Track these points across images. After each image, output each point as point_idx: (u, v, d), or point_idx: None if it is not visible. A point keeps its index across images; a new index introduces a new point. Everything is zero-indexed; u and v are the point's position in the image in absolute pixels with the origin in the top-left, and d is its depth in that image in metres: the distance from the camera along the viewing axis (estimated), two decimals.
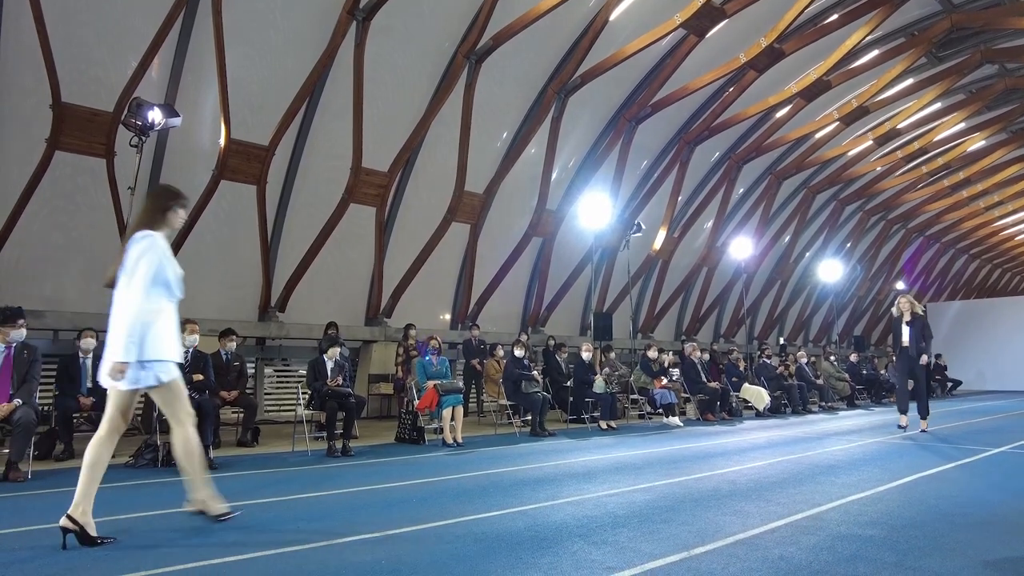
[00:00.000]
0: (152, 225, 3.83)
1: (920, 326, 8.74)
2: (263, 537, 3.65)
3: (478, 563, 3.20)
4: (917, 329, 8.71)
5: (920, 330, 8.72)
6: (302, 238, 10.91)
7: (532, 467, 6.29)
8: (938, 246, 26.95)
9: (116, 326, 3.58)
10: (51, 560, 3.25)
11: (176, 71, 9.34)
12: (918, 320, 8.79)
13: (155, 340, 3.62)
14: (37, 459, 6.00)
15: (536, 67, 12.69)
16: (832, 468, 6.09)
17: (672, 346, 17.49)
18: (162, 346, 3.65)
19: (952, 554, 3.34)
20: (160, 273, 3.72)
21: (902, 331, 8.83)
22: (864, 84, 15.85)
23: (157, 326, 3.65)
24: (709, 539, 3.60)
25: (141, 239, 3.70)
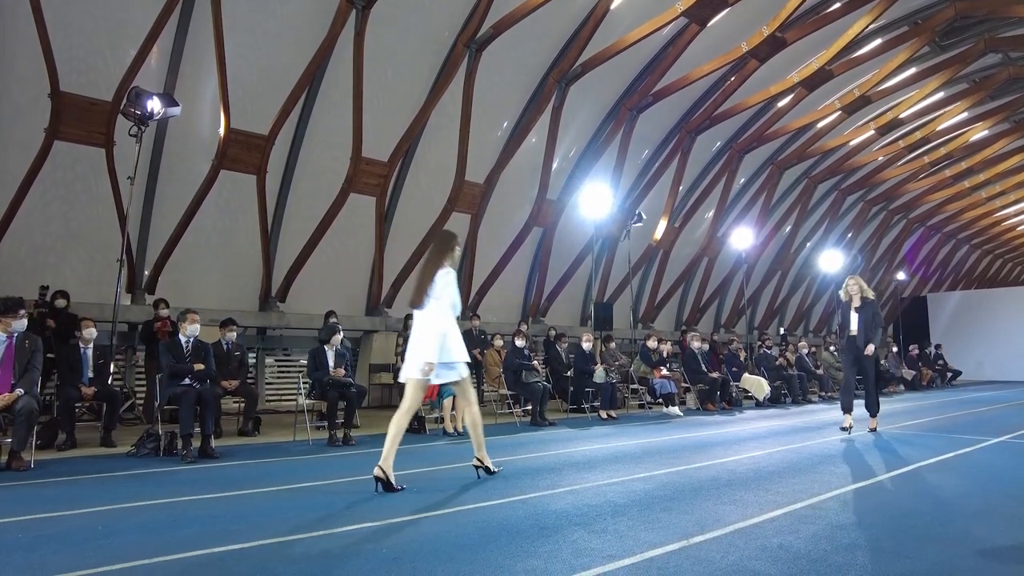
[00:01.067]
0: (444, 261, 4.99)
1: (870, 312, 7.72)
2: (265, 526, 3.66)
3: (479, 551, 3.22)
4: (867, 315, 7.68)
5: (870, 317, 7.71)
6: (302, 228, 10.90)
7: (532, 456, 6.32)
8: (939, 236, 26.90)
9: (425, 335, 4.75)
10: (54, 548, 3.27)
11: (175, 60, 9.29)
12: (868, 306, 7.74)
13: (453, 346, 4.81)
14: (39, 448, 6.03)
15: (537, 56, 12.62)
16: (832, 458, 6.12)
17: (672, 336, 17.52)
18: (459, 350, 4.84)
19: (950, 543, 3.36)
20: (454, 299, 4.90)
21: (850, 318, 7.82)
22: (866, 73, 15.77)
23: (452, 335, 4.80)
24: (708, 528, 3.62)
25: (446, 274, 4.90)
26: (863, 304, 7.74)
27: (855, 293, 7.78)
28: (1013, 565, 3.05)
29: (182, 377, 6.44)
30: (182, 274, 10.03)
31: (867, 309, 7.71)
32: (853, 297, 7.80)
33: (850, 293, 7.82)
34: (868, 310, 7.71)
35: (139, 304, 9.63)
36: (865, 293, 7.76)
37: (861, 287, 7.78)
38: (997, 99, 17.96)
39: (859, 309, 7.74)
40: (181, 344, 6.65)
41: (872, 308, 7.75)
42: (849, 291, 7.83)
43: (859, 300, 7.76)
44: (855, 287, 7.78)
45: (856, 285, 7.79)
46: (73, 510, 4.03)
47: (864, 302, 7.74)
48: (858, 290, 7.77)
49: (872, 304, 7.78)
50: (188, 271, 10.15)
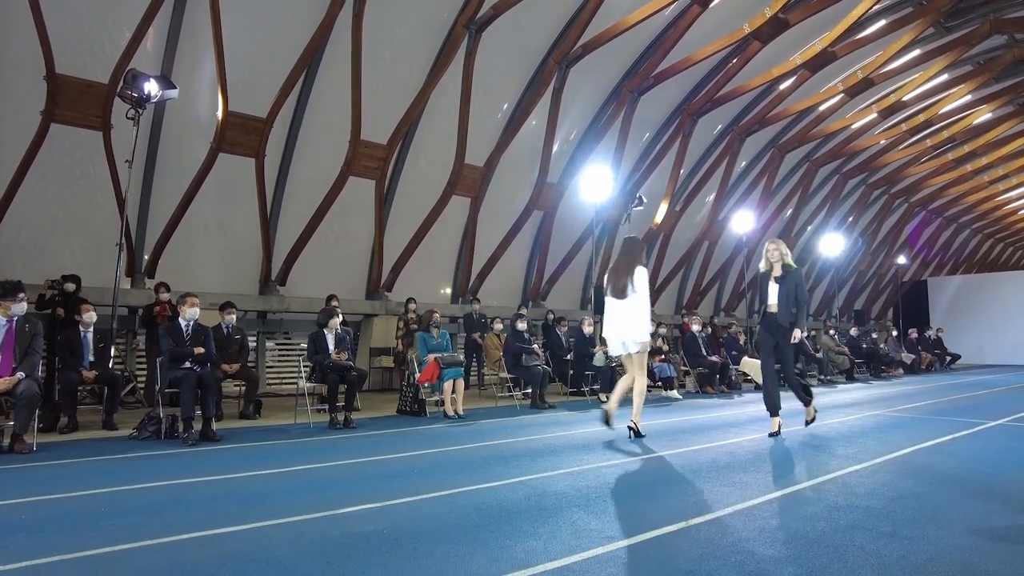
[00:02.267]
0: (639, 262, 6.27)
1: (792, 284, 6.40)
2: (266, 507, 3.69)
3: (479, 532, 3.24)
4: (788, 288, 6.39)
5: (792, 289, 6.40)
6: (302, 211, 10.86)
7: (532, 438, 6.35)
8: (940, 220, 26.82)
9: (636, 320, 6.09)
10: (58, 529, 3.29)
11: (171, 42, 9.19)
12: (790, 276, 6.44)
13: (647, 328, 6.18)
14: (42, 431, 6.06)
15: (537, 37, 12.50)
16: (830, 440, 6.14)
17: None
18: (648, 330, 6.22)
19: (947, 524, 3.38)
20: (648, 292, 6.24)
21: (768, 290, 6.51)
22: (870, 55, 15.62)
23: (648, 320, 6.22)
24: (707, 509, 3.64)
25: (642, 272, 6.17)
26: (784, 274, 6.46)
27: (775, 260, 6.54)
28: (1009, 545, 3.07)
29: (182, 360, 6.45)
30: (182, 258, 10.01)
31: (788, 280, 6.42)
32: (774, 266, 6.55)
33: (770, 261, 6.58)
34: (790, 281, 6.41)
35: (139, 288, 9.63)
36: (786, 260, 6.50)
37: (782, 253, 6.54)
38: (1001, 81, 17.80)
39: (779, 279, 6.45)
40: (181, 328, 6.66)
41: (795, 279, 6.45)
42: (769, 258, 6.60)
43: (780, 269, 6.50)
44: (775, 253, 6.55)
45: (776, 251, 6.57)
46: (75, 492, 4.05)
47: (786, 271, 6.47)
48: (778, 257, 6.53)
49: (795, 274, 6.48)
50: (187, 255, 10.14)
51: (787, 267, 6.47)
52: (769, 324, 6.48)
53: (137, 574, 2.67)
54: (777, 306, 6.39)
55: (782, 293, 6.37)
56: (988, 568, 2.76)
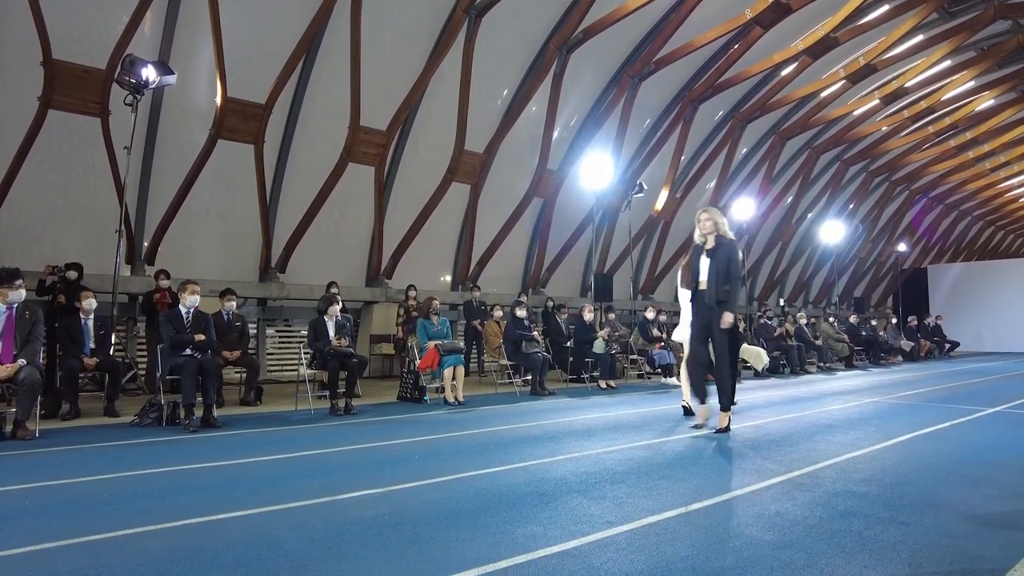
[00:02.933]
0: None
1: (724, 258, 5.58)
2: (267, 493, 3.71)
3: (479, 517, 3.26)
4: (720, 262, 5.58)
5: (724, 264, 5.57)
6: (301, 198, 10.84)
7: (532, 425, 6.37)
8: (941, 208, 26.77)
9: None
10: (61, 515, 3.31)
11: (169, 27, 9.13)
12: (723, 248, 5.64)
13: None
14: (44, 418, 6.08)
15: (537, 22, 12.40)
16: (829, 427, 6.17)
17: (672, 307, 17.54)
18: None
19: (944, 510, 3.41)
20: None
21: (700, 265, 5.72)
22: (872, 41, 15.51)
23: None
24: (706, 495, 3.66)
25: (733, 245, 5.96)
26: (717, 246, 5.67)
27: (708, 231, 5.73)
28: (1005, 531, 3.09)
29: (183, 348, 6.46)
30: (181, 245, 10.00)
31: (721, 253, 5.62)
32: (707, 238, 5.76)
33: (703, 232, 5.78)
34: (722, 254, 5.61)
35: (139, 275, 9.63)
36: (721, 230, 5.70)
37: (716, 223, 5.73)
38: (1005, 67, 17.69)
39: (711, 252, 5.67)
40: (181, 315, 6.66)
41: (727, 252, 5.61)
42: (702, 228, 5.78)
43: (713, 241, 5.71)
44: (707, 223, 5.74)
45: (709, 220, 5.74)
46: (78, 478, 4.08)
47: (719, 243, 5.66)
48: (712, 227, 5.73)
49: (728, 246, 5.64)
50: (187, 242, 10.13)
51: (721, 239, 5.69)
52: (701, 304, 5.69)
53: (140, 559, 2.69)
54: (708, 284, 5.60)
55: (712, 268, 5.59)
56: (984, 553, 2.78)
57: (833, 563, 2.66)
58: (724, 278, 5.57)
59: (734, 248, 5.70)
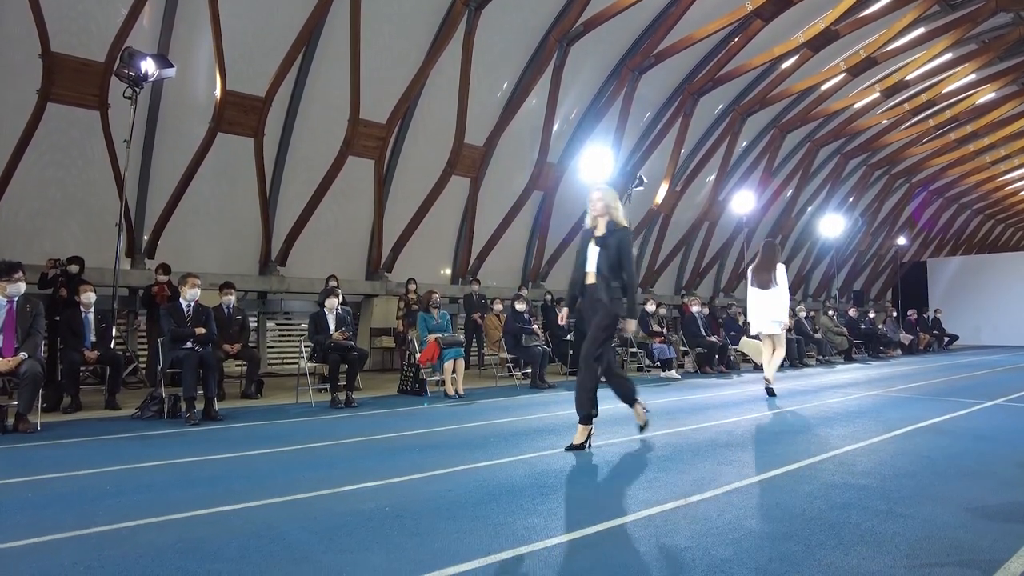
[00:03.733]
0: (778, 260, 7.82)
1: (614, 248, 4.67)
2: (269, 486, 3.73)
3: (479, 509, 3.28)
4: (610, 252, 4.68)
5: (614, 255, 4.67)
6: (301, 191, 10.83)
7: (532, 417, 6.39)
8: (941, 201, 26.75)
9: (777, 306, 7.66)
10: (64, 507, 3.33)
11: (168, 20, 9.10)
12: (614, 235, 4.71)
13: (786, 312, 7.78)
14: (45, 411, 6.09)
15: (537, 15, 12.35)
16: (828, 420, 6.19)
17: (672, 300, 17.57)
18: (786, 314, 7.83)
19: (942, 502, 3.42)
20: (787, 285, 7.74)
21: (588, 253, 4.79)
22: (873, 34, 15.45)
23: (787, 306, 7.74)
24: (706, 487, 3.68)
25: (783, 268, 7.77)
26: (608, 233, 4.73)
27: (599, 214, 4.78)
28: (1003, 523, 3.11)
29: (184, 341, 6.47)
30: (181, 238, 10.00)
31: (612, 243, 4.69)
32: (598, 221, 4.81)
33: (594, 215, 4.82)
34: (612, 244, 4.69)
35: (139, 269, 9.63)
36: (614, 215, 4.76)
37: (608, 205, 4.77)
38: (1006, 60, 17.64)
39: (601, 240, 4.74)
40: (182, 308, 6.67)
41: (617, 240, 4.69)
42: (593, 210, 4.82)
43: (604, 227, 4.76)
44: (598, 204, 4.78)
45: (601, 201, 4.77)
46: (80, 471, 4.09)
47: (610, 231, 4.73)
48: (603, 209, 4.77)
49: (622, 236, 4.71)
50: (187, 235, 10.12)
51: (613, 225, 4.75)
52: (588, 300, 4.78)
53: (143, 551, 2.70)
54: (596, 277, 4.70)
55: (602, 258, 4.69)
56: (982, 545, 2.80)
57: (832, 555, 2.68)
58: (615, 274, 4.67)
59: (627, 237, 4.75)
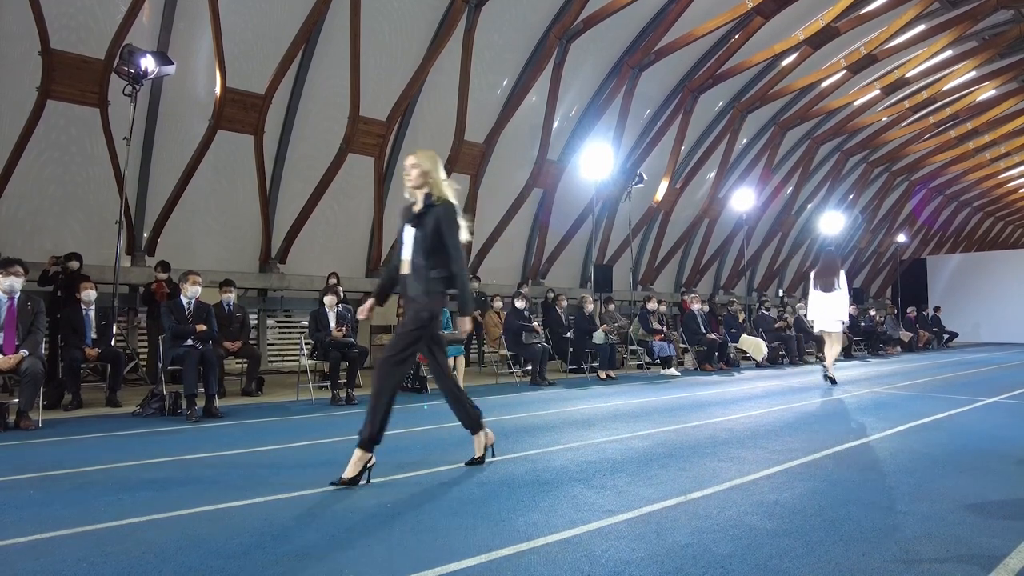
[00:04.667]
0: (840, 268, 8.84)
1: (431, 226, 3.77)
2: (270, 483, 3.73)
3: (480, 506, 3.29)
4: (424, 235, 3.78)
5: (432, 237, 3.77)
6: (301, 189, 10.82)
7: (532, 415, 6.41)
8: (941, 198, 26.74)
9: (838, 307, 8.71)
10: (67, 504, 3.34)
11: (168, 17, 9.08)
12: (431, 215, 3.79)
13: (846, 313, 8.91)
14: (47, 408, 6.10)
15: (537, 12, 12.34)
16: (828, 417, 6.20)
17: (672, 298, 17.58)
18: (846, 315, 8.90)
19: (941, 498, 3.44)
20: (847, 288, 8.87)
21: (404, 237, 3.87)
22: (873, 31, 15.44)
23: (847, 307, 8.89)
24: (706, 484, 3.69)
25: (844, 274, 8.73)
26: (426, 209, 3.81)
27: (415, 184, 3.84)
28: (1002, 519, 3.12)
29: (185, 338, 6.48)
30: (181, 236, 10.00)
31: (429, 221, 3.77)
32: (416, 195, 3.87)
33: (410, 185, 3.86)
34: (429, 222, 3.77)
35: (139, 266, 9.63)
36: (435, 188, 3.82)
37: (426, 174, 3.81)
38: (1007, 57, 17.62)
39: (416, 219, 3.83)
40: (183, 305, 6.68)
41: (437, 216, 3.76)
42: (407, 179, 3.85)
43: (422, 200, 3.83)
44: (414, 171, 3.81)
45: (417, 169, 3.81)
46: (82, 468, 4.10)
47: (428, 205, 3.80)
48: (419, 178, 3.82)
49: (443, 212, 3.77)
50: (187, 233, 10.12)
51: (431, 199, 3.81)
52: (403, 295, 3.90)
53: (145, 548, 2.71)
54: (411, 267, 3.80)
55: (419, 239, 3.78)
56: (980, 542, 2.81)
57: (831, 551, 2.69)
58: (434, 261, 3.76)
59: (449, 213, 3.78)
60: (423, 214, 3.82)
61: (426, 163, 3.85)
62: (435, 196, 3.83)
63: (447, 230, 3.78)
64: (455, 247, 3.79)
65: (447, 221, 3.78)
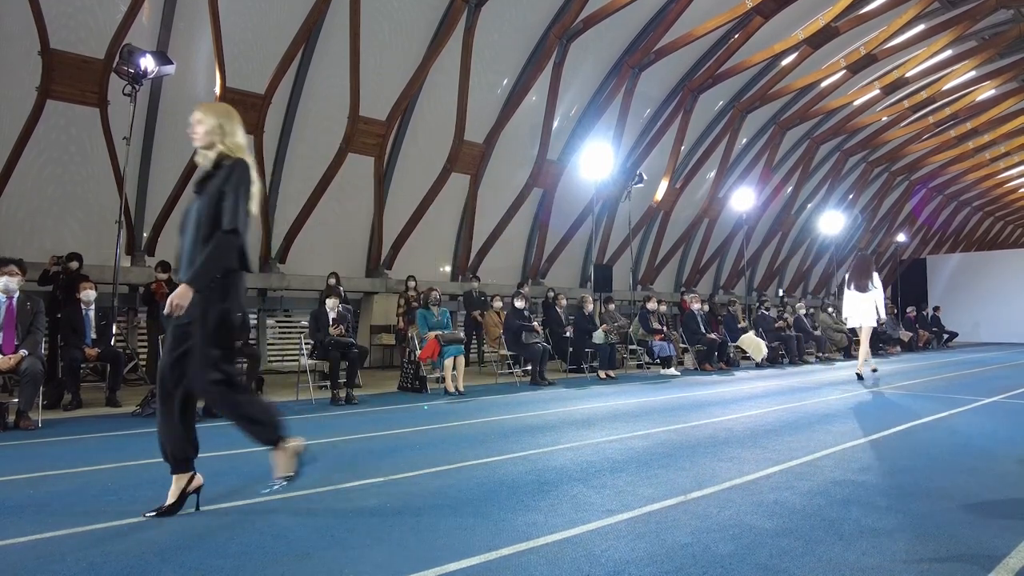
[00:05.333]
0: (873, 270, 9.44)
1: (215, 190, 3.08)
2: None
3: (480, 506, 3.29)
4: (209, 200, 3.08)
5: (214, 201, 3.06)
6: (301, 189, 10.82)
7: (532, 415, 6.40)
8: (941, 198, 26.75)
9: (871, 306, 9.17)
10: (66, 504, 3.34)
11: (167, 16, 9.08)
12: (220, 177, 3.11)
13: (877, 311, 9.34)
14: (46, 408, 6.09)
15: (537, 11, 12.34)
16: (827, 416, 6.21)
17: (672, 298, 17.58)
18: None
19: (940, 498, 3.44)
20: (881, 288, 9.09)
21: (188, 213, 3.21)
22: (873, 31, 15.44)
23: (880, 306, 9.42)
24: (706, 484, 3.70)
25: (877, 276, 9.20)
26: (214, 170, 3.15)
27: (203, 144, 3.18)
28: (1002, 519, 3.12)
29: None
30: None
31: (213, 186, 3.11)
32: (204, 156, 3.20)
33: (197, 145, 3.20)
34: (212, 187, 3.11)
35: (139, 266, 9.63)
36: (227, 142, 3.16)
37: (217, 130, 3.15)
38: (1007, 57, 17.62)
39: (199, 186, 3.17)
40: None
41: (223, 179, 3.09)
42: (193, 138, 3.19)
43: (211, 162, 3.16)
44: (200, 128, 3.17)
45: (202, 125, 3.16)
46: (81, 467, 4.10)
47: (218, 167, 3.15)
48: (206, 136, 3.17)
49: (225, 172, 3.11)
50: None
51: (225, 159, 3.16)
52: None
53: (145, 547, 2.71)
54: (190, 238, 3.13)
55: (196, 213, 3.12)
56: (980, 541, 2.81)
57: (831, 551, 2.69)
58: (208, 232, 3.06)
59: (240, 174, 3.10)
60: (208, 178, 3.15)
61: (215, 117, 3.19)
62: (226, 155, 3.16)
63: (230, 188, 3.07)
64: (232, 207, 3.04)
65: (234, 181, 3.08)
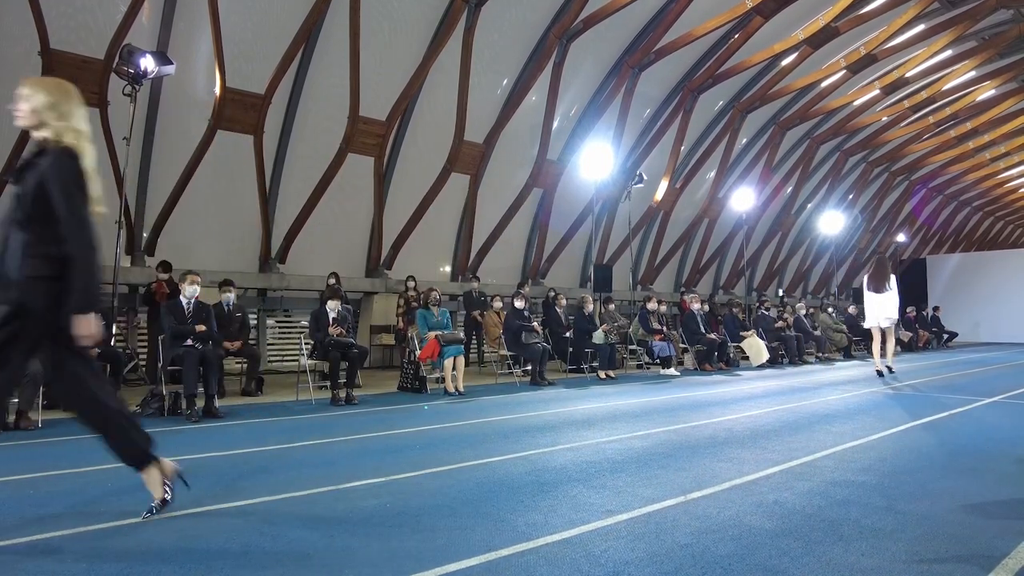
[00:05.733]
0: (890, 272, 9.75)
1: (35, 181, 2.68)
2: (270, 483, 3.74)
3: (480, 505, 3.29)
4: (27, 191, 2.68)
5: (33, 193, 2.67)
6: (301, 189, 10.82)
7: (532, 415, 6.41)
8: (941, 198, 26.75)
9: (890, 305, 9.67)
10: (66, 504, 3.34)
11: (167, 17, 9.09)
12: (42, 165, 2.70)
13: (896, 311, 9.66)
14: (46, 408, 6.09)
15: (537, 11, 12.34)
16: (827, 417, 6.21)
17: (672, 298, 17.58)
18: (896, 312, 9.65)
19: (940, 499, 3.44)
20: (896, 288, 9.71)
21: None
22: (873, 31, 15.44)
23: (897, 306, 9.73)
24: (705, 484, 3.70)
25: (894, 277, 9.51)
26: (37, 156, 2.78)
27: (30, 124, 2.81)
28: (1002, 520, 3.12)
29: (184, 338, 6.47)
30: (181, 236, 9.99)
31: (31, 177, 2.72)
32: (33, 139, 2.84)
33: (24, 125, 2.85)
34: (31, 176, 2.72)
35: (139, 266, 9.63)
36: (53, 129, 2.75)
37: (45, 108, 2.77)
38: (1007, 57, 17.62)
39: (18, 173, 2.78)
40: (182, 305, 6.67)
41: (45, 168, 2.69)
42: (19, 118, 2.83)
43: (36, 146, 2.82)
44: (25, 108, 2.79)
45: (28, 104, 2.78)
46: (81, 467, 4.09)
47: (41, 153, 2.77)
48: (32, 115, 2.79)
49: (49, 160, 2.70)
50: (187, 233, 10.12)
51: (50, 145, 2.76)
52: None
53: (145, 547, 2.72)
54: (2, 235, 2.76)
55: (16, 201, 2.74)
56: (980, 541, 2.81)
57: (831, 551, 2.69)
58: (37, 231, 2.70)
59: (62, 165, 2.71)
60: (27, 166, 2.75)
61: (45, 95, 2.76)
62: (52, 140, 2.72)
63: (57, 188, 2.64)
64: (70, 213, 2.65)
65: (57, 175, 2.65)
